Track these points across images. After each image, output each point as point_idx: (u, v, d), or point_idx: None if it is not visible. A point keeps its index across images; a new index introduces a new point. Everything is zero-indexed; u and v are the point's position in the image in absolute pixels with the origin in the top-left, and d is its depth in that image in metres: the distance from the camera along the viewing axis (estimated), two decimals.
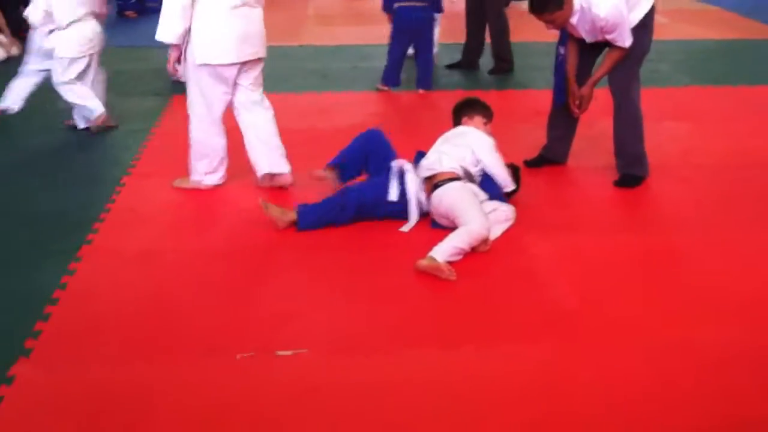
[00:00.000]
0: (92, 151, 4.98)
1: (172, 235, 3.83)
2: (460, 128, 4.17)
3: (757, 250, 3.69)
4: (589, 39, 4.15)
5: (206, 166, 4.28)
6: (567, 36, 4.30)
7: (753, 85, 6.51)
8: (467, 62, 7.02)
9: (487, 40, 6.92)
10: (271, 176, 4.32)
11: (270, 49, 4.29)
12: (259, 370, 2.78)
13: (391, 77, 6.37)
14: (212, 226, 3.97)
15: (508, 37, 6.80)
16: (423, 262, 3.42)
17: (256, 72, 4.18)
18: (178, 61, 4.05)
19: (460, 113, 4.27)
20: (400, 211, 3.90)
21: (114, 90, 6.23)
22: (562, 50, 4.38)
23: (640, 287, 3.37)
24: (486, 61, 7.03)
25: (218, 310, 3.17)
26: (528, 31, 6.69)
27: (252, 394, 2.65)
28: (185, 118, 4.23)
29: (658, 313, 3.16)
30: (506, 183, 3.99)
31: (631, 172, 4.39)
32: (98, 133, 5.23)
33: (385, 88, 6.37)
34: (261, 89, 4.27)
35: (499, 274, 3.42)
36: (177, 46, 3.98)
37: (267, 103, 4.30)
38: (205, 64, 3.96)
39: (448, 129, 4.20)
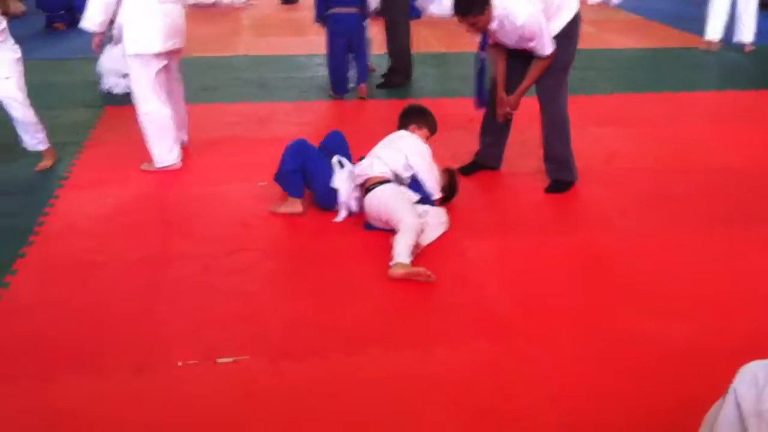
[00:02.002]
0: (23, 162, 4.89)
1: (107, 245, 3.80)
2: (401, 132, 4.25)
3: (682, 249, 3.85)
4: (510, 45, 4.27)
5: (165, 146, 4.72)
6: (486, 41, 4.41)
7: (676, 91, 6.77)
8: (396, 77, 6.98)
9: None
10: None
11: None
12: (200, 378, 2.79)
13: (338, 86, 6.46)
14: (148, 236, 3.94)
15: (405, 47, 6.79)
16: (398, 270, 3.45)
17: (178, 57, 4.90)
18: (100, 43, 4.71)
19: (409, 119, 4.33)
20: (331, 201, 4.08)
21: (44, 103, 6.12)
22: (482, 55, 4.48)
23: (574, 287, 3.49)
24: (424, 70, 7.15)
25: (159, 318, 3.17)
26: (461, 42, 6.83)
27: (194, 402, 2.66)
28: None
29: (592, 310, 3.29)
30: (434, 191, 4.08)
31: (560, 177, 4.53)
32: None
33: (338, 95, 6.45)
34: (177, 68, 4.96)
35: (436, 277, 3.49)
36: (99, 33, 4.57)
37: (180, 77, 5.03)
38: (137, 54, 4.50)
39: (385, 135, 4.27)
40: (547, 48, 4.16)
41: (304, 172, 4.08)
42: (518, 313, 3.27)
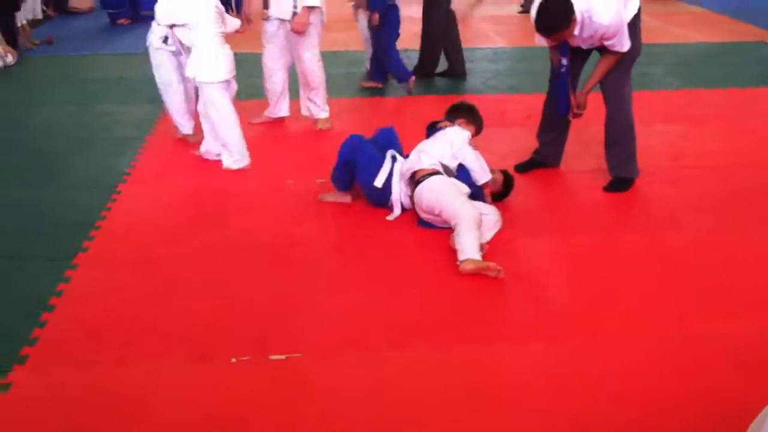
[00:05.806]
0: (87, 157, 5.00)
1: (168, 240, 3.85)
2: (446, 129, 4.18)
3: (748, 247, 3.74)
4: (585, 47, 4.17)
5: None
6: (567, 47, 4.21)
7: (743, 87, 6.56)
8: (421, 70, 6.91)
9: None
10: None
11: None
12: (253, 373, 2.81)
13: (404, 71, 6.47)
14: (208, 229, 3.97)
15: (454, 44, 6.73)
16: (468, 266, 3.43)
17: None
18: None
19: (460, 114, 4.31)
20: (381, 198, 4.06)
21: (111, 98, 6.27)
22: (564, 61, 4.31)
23: (633, 286, 3.41)
24: (483, 66, 7.07)
25: (216, 313, 3.20)
26: (520, 37, 6.74)
27: (246, 397, 2.68)
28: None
29: (656, 310, 3.21)
30: (482, 175, 4.00)
31: (621, 174, 4.43)
32: None
33: (410, 85, 6.46)
34: None
35: (493, 276, 3.44)
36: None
37: None
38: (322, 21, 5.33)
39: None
40: (626, 44, 4.06)
41: (353, 167, 4.07)
42: (578, 312, 3.21)
